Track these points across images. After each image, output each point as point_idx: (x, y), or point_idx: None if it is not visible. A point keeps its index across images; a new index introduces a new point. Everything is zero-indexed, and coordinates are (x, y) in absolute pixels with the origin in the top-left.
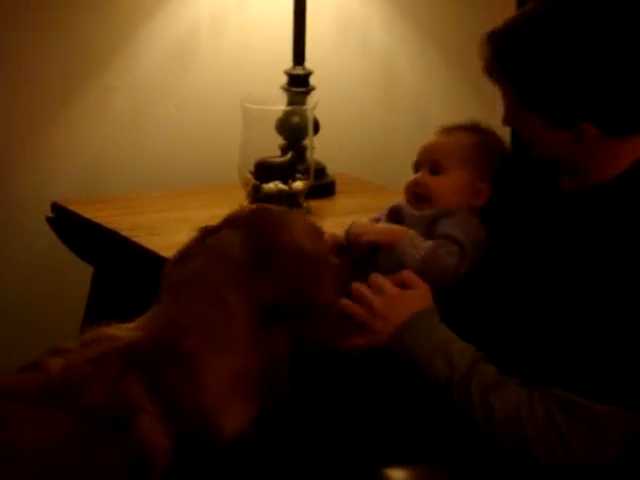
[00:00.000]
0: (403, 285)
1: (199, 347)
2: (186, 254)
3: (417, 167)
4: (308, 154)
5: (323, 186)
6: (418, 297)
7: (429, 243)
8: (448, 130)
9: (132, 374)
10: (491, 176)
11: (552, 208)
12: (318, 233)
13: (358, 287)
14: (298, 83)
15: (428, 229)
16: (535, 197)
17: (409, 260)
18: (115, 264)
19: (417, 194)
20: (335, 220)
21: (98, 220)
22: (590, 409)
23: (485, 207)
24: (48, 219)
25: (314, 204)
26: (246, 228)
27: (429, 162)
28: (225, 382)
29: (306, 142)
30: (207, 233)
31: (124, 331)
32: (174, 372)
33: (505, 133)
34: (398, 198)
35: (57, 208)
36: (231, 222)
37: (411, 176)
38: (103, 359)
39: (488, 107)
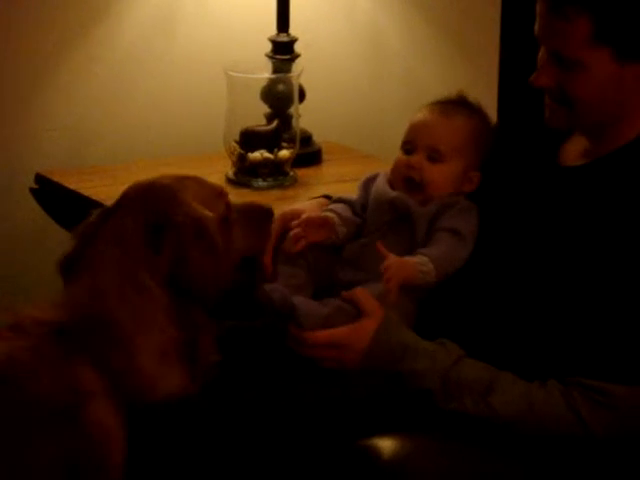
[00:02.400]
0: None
1: (125, 321)
2: (88, 238)
3: (410, 147)
4: (294, 122)
5: (309, 154)
6: (370, 321)
7: (432, 262)
8: (444, 110)
9: (76, 356)
10: (482, 162)
11: (553, 186)
12: (216, 195)
13: (314, 344)
14: (283, 50)
15: (430, 223)
16: (533, 174)
17: (425, 286)
18: None
19: (409, 178)
20: (322, 188)
21: (82, 191)
22: (609, 393)
23: (481, 188)
24: (32, 190)
25: (300, 172)
26: (139, 205)
27: (426, 147)
28: (155, 350)
29: (291, 110)
30: (105, 214)
31: (44, 312)
32: (111, 346)
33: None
34: (385, 167)
35: (41, 179)
36: (125, 201)
37: (401, 155)
38: (41, 345)
39: (475, 72)
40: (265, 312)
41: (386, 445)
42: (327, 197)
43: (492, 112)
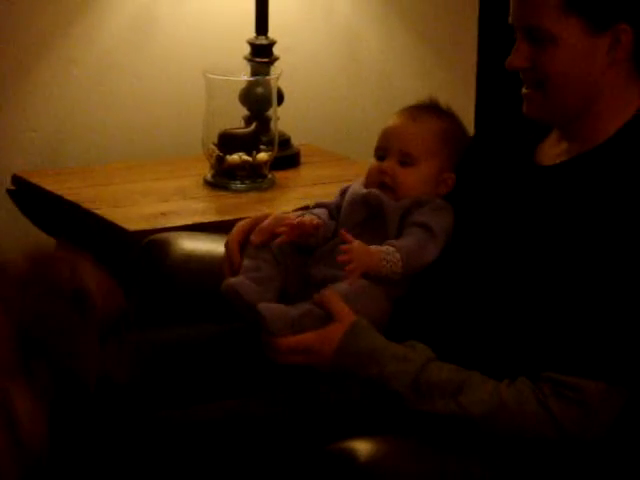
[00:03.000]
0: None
1: None
2: None
3: (382, 153)
4: (272, 125)
5: (287, 157)
6: (338, 325)
7: (398, 251)
8: (414, 114)
9: None
10: (455, 164)
11: (529, 185)
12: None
13: (282, 350)
14: (261, 53)
15: (402, 218)
16: (509, 174)
17: (392, 277)
18: (77, 236)
19: (383, 183)
20: (300, 191)
21: (60, 192)
22: (580, 389)
23: (458, 189)
24: (9, 191)
25: (278, 175)
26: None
27: (398, 152)
28: None
29: (270, 113)
30: None
31: None
32: None
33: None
34: (362, 169)
35: (18, 180)
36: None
37: (374, 162)
38: None
39: (452, 76)
40: (232, 306)
41: (362, 447)
42: (305, 208)
43: (469, 115)
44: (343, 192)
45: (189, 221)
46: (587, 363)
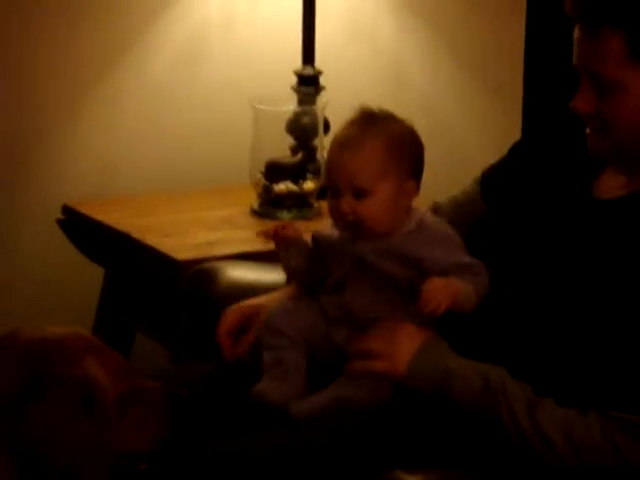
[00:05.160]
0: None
1: None
2: None
3: (335, 190)
4: (318, 154)
5: None
6: (411, 333)
7: (469, 285)
8: (351, 141)
9: None
10: (414, 166)
11: (589, 218)
12: (124, 368)
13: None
14: (308, 83)
15: (398, 256)
16: (567, 206)
17: (466, 310)
18: (126, 266)
19: (348, 222)
20: None
21: (109, 222)
22: None
23: (510, 218)
24: (59, 221)
25: (325, 204)
26: (18, 351)
27: (349, 187)
28: None
29: (316, 142)
30: None
31: None
32: None
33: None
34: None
35: (68, 210)
36: (6, 347)
37: (330, 199)
38: None
39: (498, 104)
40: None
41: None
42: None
43: None
44: (316, 239)
45: (236, 250)
46: None
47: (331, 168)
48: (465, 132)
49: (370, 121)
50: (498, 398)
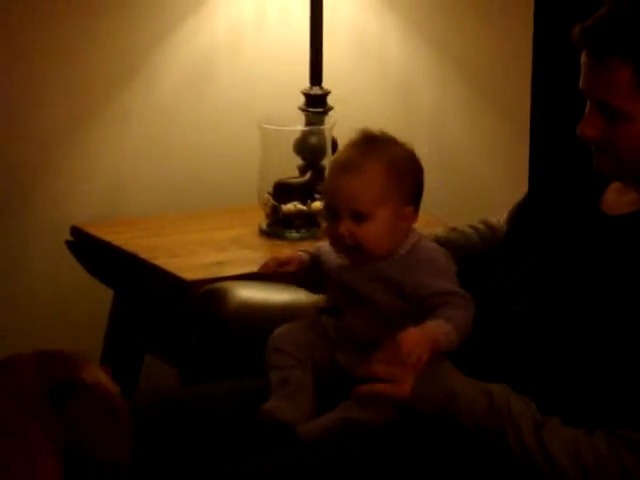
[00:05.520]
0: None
1: None
2: None
3: (334, 213)
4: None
5: None
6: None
7: (446, 325)
8: (352, 165)
9: None
10: (414, 192)
11: (599, 234)
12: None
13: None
14: (316, 103)
15: (383, 280)
16: (575, 223)
17: (450, 349)
18: (135, 287)
19: (346, 245)
20: None
21: (117, 243)
22: None
23: (524, 229)
24: (68, 243)
25: None
26: (40, 360)
27: (348, 211)
28: None
29: (324, 162)
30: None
31: None
32: None
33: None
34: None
35: (76, 231)
36: (21, 357)
37: (329, 222)
38: None
39: (507, 124)
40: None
41: None
42: None
43: (524, 165)
44: (315, 257)
45: (245, 270)
46: None
47: (330, 191)
48: (474, 152)
49: (371, 144)
50: (503, 418)
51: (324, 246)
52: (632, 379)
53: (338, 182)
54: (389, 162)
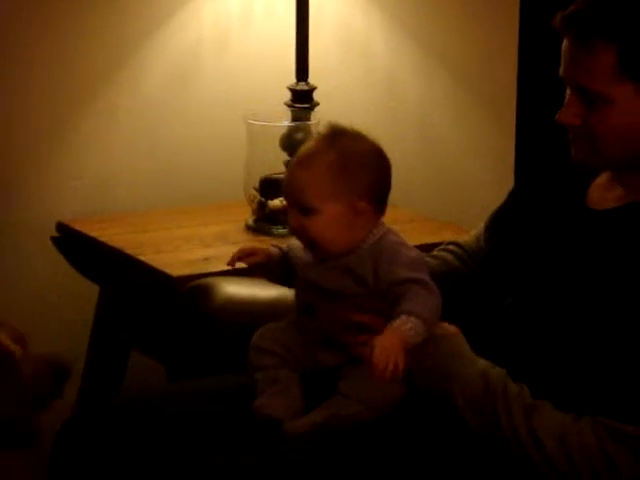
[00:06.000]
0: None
1: None
2: None
3: (289, 207)
4: None
5: None
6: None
7: (412, 315)
8: (303, 159)
9: None
10: (370, 189)
11: (584, 229)
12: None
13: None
14: (302, 99)
15: (348, 273)
16: (561, 217)
17: (418, 341)
18: (121, 283)
19: (304, 239)
20: None
21: (103, 239)
22: (637, 437)
23: (510, 224)
24: (53, 239)
25: None
26: None
27: (296, 205)
28: None
29: None
30: None
31: None
32: None
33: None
34: (398, 213)
35: (62, 227)
36: None
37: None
38: None
39: (492, 118)
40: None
41: None
42: None
43: (510, 159)
44: (285, 253)
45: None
46: None
47: (284, 183)
48: (459, 147)
49: (331, 139)
50: (497, 399)
51: (295, 242)
52: (619, 369)
53: (289, 175)
54: (339, 157)
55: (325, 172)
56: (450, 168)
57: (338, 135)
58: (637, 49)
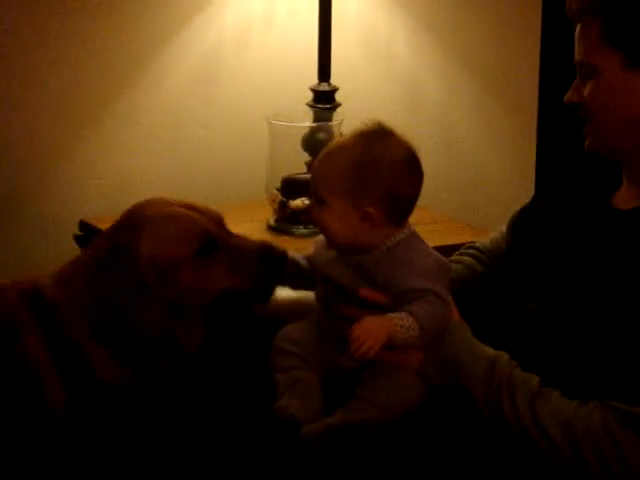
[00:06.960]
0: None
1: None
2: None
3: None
4: None
5: None
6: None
7: (411, 315)
8: (331, 153)
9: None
10: (380, 196)
11: (608, 228)
12: (197, 230)
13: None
14: (324, 99)
15: (361, 273)
16: (585, 218)
17: (412, 343)
18: None
19: (317, 227)
20: None
21: None
22: None
23: (533, 227)
24: (76, 237)
25: None
26: (116, 229)
27: (313, 192)
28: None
29: None
30: None
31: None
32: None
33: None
34: (423, 212)
35: (85, 226)
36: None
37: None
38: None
39: (514, 120)
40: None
41: None
42: None
43: (531, 160)
44: (309, 258)
45: None
46: None
47: (311, 172)
48: (481, 148)
49: (368, 138)
50: (502, 384)
51: (321, 238)
52: (631, 358)
53: (315, 163)
54: (363, 158)
55: (341, 168)
56: (471, 169)
57: (378, 136)
58: (619, 19)
